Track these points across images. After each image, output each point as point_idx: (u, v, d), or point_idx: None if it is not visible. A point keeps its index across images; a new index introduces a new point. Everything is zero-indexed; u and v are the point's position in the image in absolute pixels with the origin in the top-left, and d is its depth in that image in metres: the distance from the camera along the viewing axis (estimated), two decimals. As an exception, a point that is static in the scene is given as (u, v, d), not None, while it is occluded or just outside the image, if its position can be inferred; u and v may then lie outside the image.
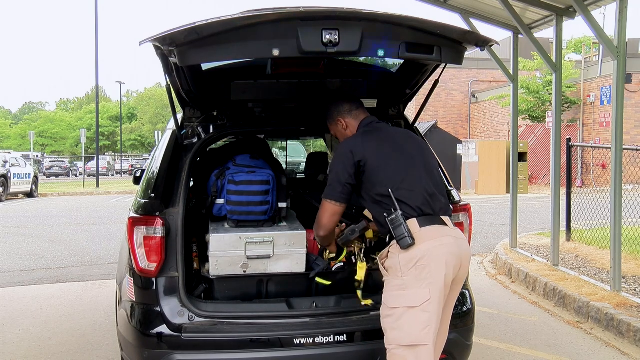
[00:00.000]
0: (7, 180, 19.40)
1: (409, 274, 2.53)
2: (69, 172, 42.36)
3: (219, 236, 3.12)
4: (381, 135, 2.82)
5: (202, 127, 3.28)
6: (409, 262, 2.54)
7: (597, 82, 20.88)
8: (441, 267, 2.53)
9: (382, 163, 2.68)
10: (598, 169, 19.10)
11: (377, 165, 2.67)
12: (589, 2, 5.81)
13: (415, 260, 2.53)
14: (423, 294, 2.50)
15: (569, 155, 8.00)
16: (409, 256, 2.54)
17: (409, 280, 2.53)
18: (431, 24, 2.52)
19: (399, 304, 2.54)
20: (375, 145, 2.74)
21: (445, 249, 2.56)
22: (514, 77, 7.59)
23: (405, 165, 2.70)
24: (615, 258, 5.28)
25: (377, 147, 2.73)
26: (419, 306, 2.50)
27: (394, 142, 2.79)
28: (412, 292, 2.52)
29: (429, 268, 2.52)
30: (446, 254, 2.56)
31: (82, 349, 4.51)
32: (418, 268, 2.52)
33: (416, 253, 2.53)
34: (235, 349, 2.82)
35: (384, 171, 2.67)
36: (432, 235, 2.57)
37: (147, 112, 60.04)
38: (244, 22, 2.38)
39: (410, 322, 2.51)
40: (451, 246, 2.59)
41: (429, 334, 2.50)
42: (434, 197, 2.69)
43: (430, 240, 2.56)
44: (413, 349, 2.50)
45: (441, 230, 2.61)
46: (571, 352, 4.41)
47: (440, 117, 28.29)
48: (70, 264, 8.04)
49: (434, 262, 2.53)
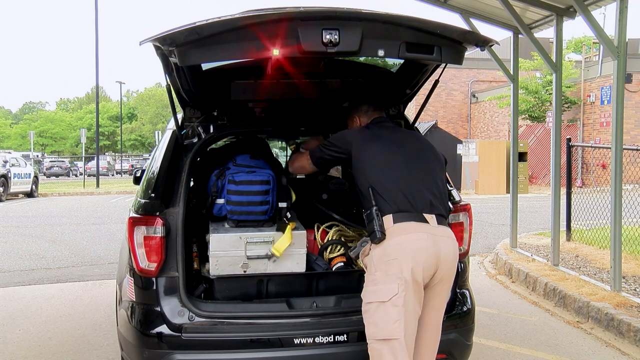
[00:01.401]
0: (7, 180, 19.40)
1: (379, 268, 2.59)
2: (69, 172, 42.37)
3: (219, 236, 3.12)
4: (380, 132, 2.88)
5: (202, 127, 3.28)
6: (380, 258, 2.60)
7: (597, 82, 20.88)
8: (408, 261, 2.55)
9: (367, 157, 2.77)
10: (598, 169, 19.09)
11: (362, 157, 2.77)
12: (589, 2, 5.81)
13: (385, 255, 2.58)
14: (391, 289, 2.54)
15: (569, 155, 8.00)
16: (380, 251, 2.60)
17: (379, 275, 2.59)
18: (431, 24, 2.52)
19: (372, 299, 2.60)
20: (368, 139, 2.83)
21: (415, 244, 2.58)
22: (514, 77, 7.59)
23: (393, 163, 2.74)
24: (616, 258, 5.28)
25: (369, 141, 2.82)
26: (388, 300, 2.54)
27: (390, 141, 2.81)
28: (382, 287, 2.57)
29: (397, 262, 2.55)
30: (415, 249, 2.57)
31: (82, 349, 4.51)
32: (387, 263, 2.57)
33: (385, 248, 2.59)
34: (236, 348, 2.82)
35: (368, 165, 2.75)
36: (405, 231, 2.60)
37: (147, 112, 60.08)
38: (244, 22, 2.38)
39: (382, 317, 2.56)
40: (423, 242, 2.59)
41: (399, 328, 2.53)
42: (419, 195, 2.68)
43: (401, 235, 2.59)
44: (387, 342, 2.54)
45: (417, 227, 2.62)
46: (571, 352, 4.41)
47: (440, 117, 28.29)
48: (71, 264, 8.04)
49: (401, 257, 2.56)
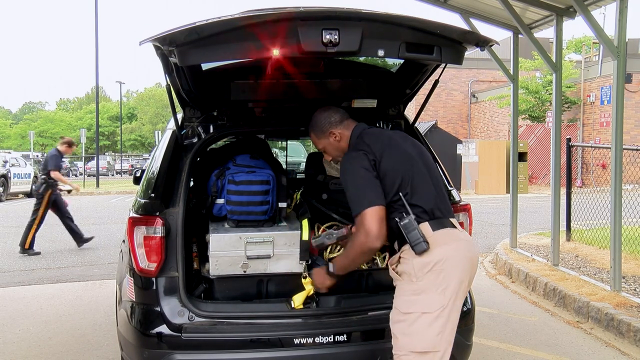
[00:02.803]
0: (7, 180, 19.40)
1: (424, 278, 2.46)
2: (69, 172, 42.32)
3: (219, 236, 3.12)
4: (382, 138, 2.73)
5: (202, 127, 3.28)
6: (424, 267, 2.47)
7: (597, 82, 20.88)
8: (457, 272, 2.48)
9: (391, 165, 2.60)
10: (598, 169, 19.09)
11: (387, 166, 2.58)
12: (589, 2, 5.81)
13: (430, 264, 2.46)
14: (438, 300, 2.44)
15: (569, 155, 8.00)
16: (424, 261, 2.47)
17: (423, 284, 2.46)
18: (431, 24, 2.52)
19: (413, 310, 2.46)
20: (380, 147, 2.64)
21: (460, 254, 2.52)
22: (514, 77, 7.59)
23: (411, 167, 2.63)
24: (615, 258, 5.28)
25: (384, 149, 2.64)
26: (434, 312, 2.43)
27: (397, 144, 2.73)
28: (426, 297, 2.45)
29: (444, 273, 2.46)
30: (462, 258, 2.52)
31: (82, 349, 4.50)
32: (434, 272, 2.46)
33: (431, 258, 2.46)
34: (236, 348, 2.82)
35: (394, 173, 2.58)
36: (446, 240, 2.52)
37: (147, 112, 60.02)
38: (244, 22, 2.38)
39: (423, 328, 2.44)
40: (465, 250, 2.55)
41: (442, 340, 2.45)
42: (441, 199, 2.65)
43: (444, 244, 2.50)
44: (424, 355, 2.43)
45: (453, 234, 2.57)
46: (571, 352, 4.41)
47: (440, 117, 28.28)
48: (71, 264, 8.04)
49: (449, 267, 2.47)
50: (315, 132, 2.84)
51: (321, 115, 2.81)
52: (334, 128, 2.78)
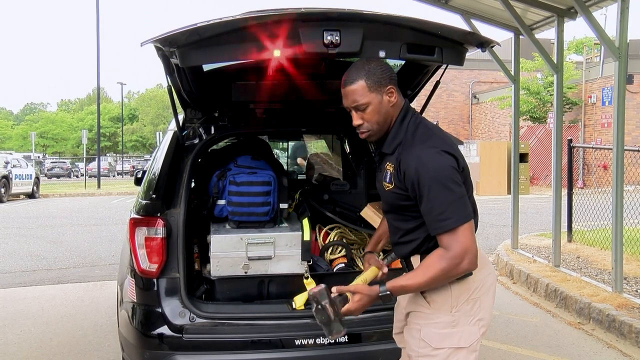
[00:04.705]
0: (9, 181, 19.41)
1: (461, 308, 2.09)
2: (70, 173, 42.43)
3: (220, 237, 3.13)
4: (447, 135, 2.22)
5: (203, 128, 3.28)
6: (462, 294, 2.09)
7: (599, 83, 20.88)
8: (491, 299, 2.17)
9: (467, 171, 2.16)
10: (599, 170, 19.07)
11: (466, 174, 2.12)
12: (590, 3, 5.81)
13: (470, 291, 2.10)
14: (473, 332, 2.10)
15: (570, 156, 7.99)
16: (464, 287, 2.09)
17: (459, 315, 2.09)
18: (432, 25, 2.52)
19: (446, 345, 2.08)
20: (457, 150, 2.13)
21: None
22: (515, 78, 7.59)
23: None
24: (617, 259, 5.28)
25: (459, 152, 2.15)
26: (469, 346, 2.09)
27: None
28: (461, 330, 2.09)
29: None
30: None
31: (83, 350, 4.51)
32: (470, 301, 2.10)
33: (471, 284, 2.10)
34: (237, 349, 2.82)
35: (468, 185, 2.14)
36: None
37: (149, 113, 60.15)
38: (245, 24, 2.38)
39: None
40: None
41: None
42: None
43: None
44: None
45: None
46: (572, 353, 4.40)
47: (441, 118, 28.29)
48: (72, 265, 8.04)
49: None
50: (368, 81, 2.09)
51: (380, 66, 2.14)
52: (394, 84, 2.15)
